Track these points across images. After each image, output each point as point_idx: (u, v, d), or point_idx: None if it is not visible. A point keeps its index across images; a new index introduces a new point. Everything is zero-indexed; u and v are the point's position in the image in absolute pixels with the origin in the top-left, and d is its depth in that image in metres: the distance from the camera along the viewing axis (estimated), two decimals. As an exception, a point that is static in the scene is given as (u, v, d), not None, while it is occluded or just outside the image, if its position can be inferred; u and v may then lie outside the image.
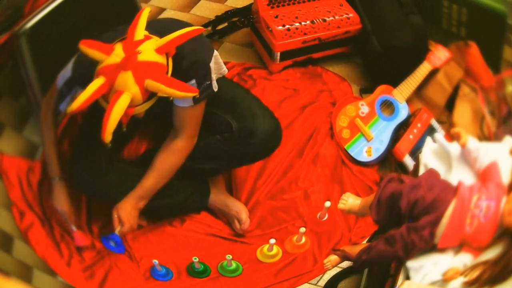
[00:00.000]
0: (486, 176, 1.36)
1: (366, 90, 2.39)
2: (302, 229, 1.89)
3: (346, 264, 1.80)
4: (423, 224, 1.31)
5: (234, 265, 1.87)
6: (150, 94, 1.42)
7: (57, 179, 1.79)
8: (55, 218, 1.88)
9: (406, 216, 1.35)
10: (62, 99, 1.67)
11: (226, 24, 2.61)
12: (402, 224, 1.35)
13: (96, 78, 1.37)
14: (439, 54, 2.16)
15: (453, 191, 1.33)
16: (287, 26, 2.31)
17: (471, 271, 1.27)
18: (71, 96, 1.65)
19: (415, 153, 2.08)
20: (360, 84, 2.45)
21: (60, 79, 1.64)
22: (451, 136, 1.48)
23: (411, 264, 1.36)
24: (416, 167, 1.61)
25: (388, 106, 2.22)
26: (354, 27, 2.40)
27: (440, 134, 1.82)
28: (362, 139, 2.19)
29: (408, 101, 2.21)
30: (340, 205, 1.59)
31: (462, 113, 2.11)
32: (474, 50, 2.12)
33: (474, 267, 1.28)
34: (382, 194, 1.39)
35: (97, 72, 1.39)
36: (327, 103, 2.33)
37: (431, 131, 2.13)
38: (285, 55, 2.37)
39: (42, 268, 1.77)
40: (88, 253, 1.87)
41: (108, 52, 1.39)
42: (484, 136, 2.00)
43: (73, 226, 1.82)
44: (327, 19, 2.36)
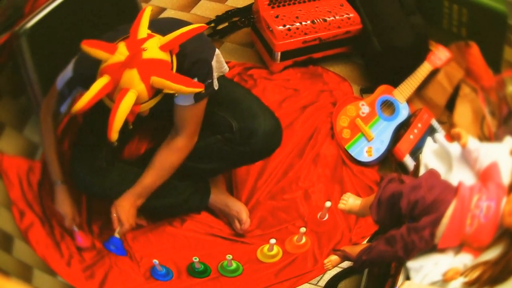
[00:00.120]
0: (486, 176, 1.36)
1: (367, 90, 2.39)
2: (303, 229, 1.89)
3: (346, 264, 1.80)
4: (424, 224, 1.31)
5: (234, 265, 1.87)
6: (155, 91, 1.42)
7: (59, 182, 1.79)
8: (55, 218, 1.88)
9: (407, 216, 1.35)
10: (63, 101, 1.67)
11: (226, 24, 2.60)
12: (403, 224, 1.35)
13: (100, 77, 1.37)
14: (440, 54, 2.16)
15: (453, 191, 1.33)
16: (287, 26, 2.31)
17: (471, 272, 1.27)
18: (72, 97, 1.65)
19: (415, 153, 2.08)
20: (360, 84, 2.44)
21: (60, 81, 1.64)
22: (452, 137, 1.48)
23: (411, 264, 1.36)
24: (417, 167, 1.61)
25: (389, 106, 2.22)
26: (354, 27, 2.39)
27: (440, 134, 1.82)
28: (363, 139, 2.19)
29: (409, 101, 2.21)
30: (340, 205, 1.59)
31: (463, 113, 2.10)
32: (475, 50, 2.12)
33: (474, 268, 1.28)
34: (382, 194, 1.39)
35: (100, 71, 1.39)
36: (327, 103, 2.33)
37: (431, 131, 2.12)
38: (285, 55, 2.36)
39: (42, 268, 1.77)
40: (88, 253, 1.87)
41: (112, 51, 1.39)
42: (485, 136, 2.00)
43: (75, 227, 1.82)
44: (328, 19, 2.36)
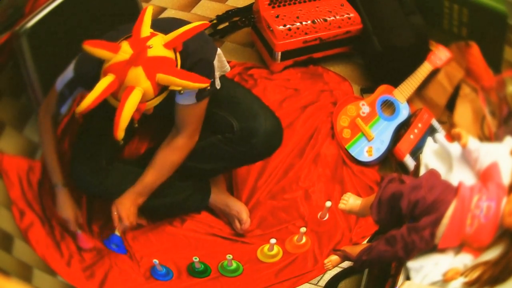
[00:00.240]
0: (486, 176, 1.36)
1: (367, 90, 2.39)
2: (303, 229, 1.89)
3: (347, 264, 1.80)
4: (424, 224, 1.31)
5: (234, 265, 1.87)
6: (161, 88, 1.43)
7: (59, 185, 1.79)
8: (55, 217, 1.88)
9: (407, 216, 1.35)
10: (63, 102, 1.66)
11: (227, 23, 2.60)
12: (403, 224, 1.35)
13: (104, 76, 1.37)
14: (440, 54, 2.16)
15: (453, 191, 1.33)
16: (288, 26, 2.31)
17: (471, 272, 1.27)
18: (73, 97, 1.65)
19: (415, 153, 2.08)
20: (361, 84, 2.44)
21: (60, 82, 1.63)
22: (452, 137, 1.48)
23: (411, 264, 1.36)
24: (417, 167, 1.61)
25: (389, 106, 2.22)
26: (355, 27, 2.39)
27: (441, 134, 1.82)
28: (363, 139, 2.19)
29: (409, 101, 2.21)
30: (340, 205, 1.59)
31: (463, 113, 2.10)
32: (475, 50, 2.12)
33: (475, 268, 1.28)
34: (382, 195, 1.39)
35: (104, 70, 1.39)
36: (328, 103, 2.32)
37: (431, 131, 2.12)
38: (286, 54, 2.36)
39: (42, 267, 1.77)
40: (88, 252, 1.87)
41: (115, 50, 1.39)
42: (485, 136, 2.00)
43: (78, 230, 1.83)
44: (328, 19, 2.36)
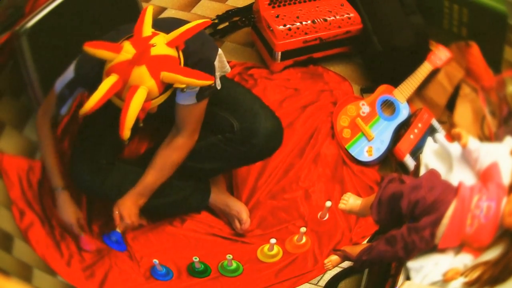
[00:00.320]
0: (486, 176, 1.36)
1: (367, 90, 2.39)
2: (303, 229, 1.89)
3: (347, 264, 1.80)
4: (424, 224, 1.31)
5: (234, 265, 1.87)
6: (165, 87, 1.43)
7: (60, 189, 1.78)
8: (55, 217, 1.88)
9: (407, 216, 1.35)
10: (63, 103, 1.65)
11: (227, 23, 2.60)
12: (403, 224, 1.35)
13: (107, 76, 1.37)
14: (440, 54, 2.16)
15: (453, 191, 1.33)
16: (288, 26, 2.31)
17: (471, 272, 1.27)
18: (73, 98, 1.64)
19: (416, 153, 2.08)
20: (361, 84, 2.44)
21: (59, 84, 1.62)
22: (452, 137, 1.48)
23: (411, 264, 1.36)
24: (417, 167, 1.61)
25: (389, 106, 2.22)
26: (355, 27, 2.39)
27: (441, 134, 1.82)
28: (363, 138, 2.19)
29: (409, 101, 2.21)
30: (340, 205, 1.59)
31: (463, 113, 2.10)
32: (475, 50, 2.12)
33: (475, 268, 1.28)
34: (383, 195, 1.39)
35: (107, 71, 1.39)
36: (328, 102, 2.32)
37: (432, 131, 2.12)
38: (286, 54, 2.36)
39: (42, 267, 1.77)
40: (88, 252, 1.86)
41: (118, 50, 1.39)
42: (485, 136, 2.00)
43: (81, 233, 1.83)
44: (328, 18, 2.36)
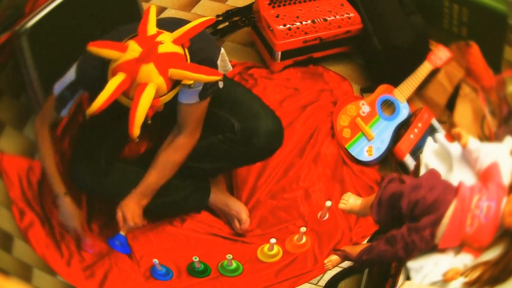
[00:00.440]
0: (486, 176, 1.36)
1: (367, 89, 2.39)
2: (303, 228, 1.89)
3: (347, 264, 1.80)
4: (424, 224, 1.31)
5: (234, 264, 1.87)
6: (174, 83, 1.43)
7: (61, 195, 1.77)
8: (55, 217, 1.88)
9: (407, 216, 1.35)
10: (63, 105, 1.63)
11: (227, 23, 2.60)
12: (403, 224, 1.35)
13: (113, 76, 1.36)
14: (440, 54, 2.16)
15: (453, 191, 1.33)
16: (288, 26, 2.31)
17: (471, 272, 1.27)
18: (74, 100, 1.64)
19: (416, 153, 2.08)
20: (361, 84, 2.44)
21: (58, 87, 1.61)
22: (452, 136, 1.47)
23: (411, 264, 1.35)
24: (417, 167, 1.61)
25: (389, 106, 2.22)
26: (355, 26, 2.39)
27: (441, 134, 1.82)
28: (363, 138, 2.19)
29: (409, 100, 2.21)
30: (341, 205, 1.59)
31: (463, 113, 2.10)
32: (475, 50, 2.12)
33: (475, 268, 1.28)
34: (383, 194, 1.39)
35: (113, 70, 1.38)
36: (328, 102, 2.32)
37: (432, 131, 2.12)
38: (286, 54, 2.36)
39: (42, 267, 1.77)
40: (88, 252, 1.87)
41: (123, 50, 1.39)
42: (485, 136, 2.00)
43: (85, 238, 1.83)
44: (328, 18, 2.36)
